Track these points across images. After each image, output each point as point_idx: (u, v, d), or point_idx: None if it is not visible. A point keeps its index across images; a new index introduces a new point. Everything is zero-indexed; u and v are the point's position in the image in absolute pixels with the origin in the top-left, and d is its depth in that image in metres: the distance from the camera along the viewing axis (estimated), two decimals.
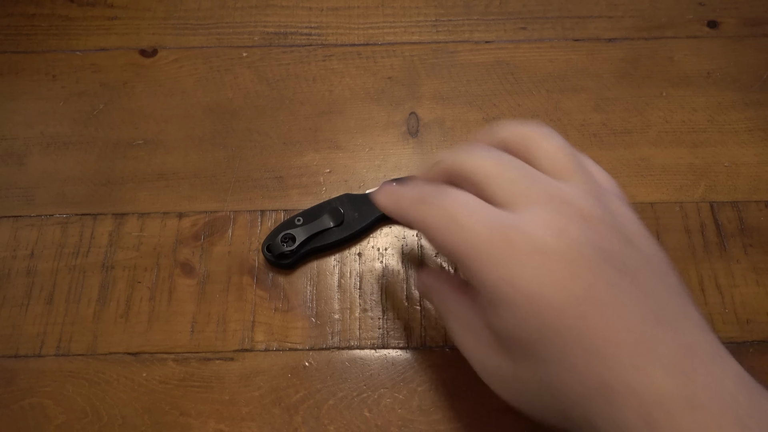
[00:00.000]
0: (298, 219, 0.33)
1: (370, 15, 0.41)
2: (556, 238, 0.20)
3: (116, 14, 0.42)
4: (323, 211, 0.33)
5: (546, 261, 0.20)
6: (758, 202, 0.34)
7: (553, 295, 0.20)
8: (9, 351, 0.31)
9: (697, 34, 0.40)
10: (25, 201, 0.35)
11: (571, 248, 0.20)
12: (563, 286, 0.20)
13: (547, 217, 0.21)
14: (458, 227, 0.22)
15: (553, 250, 0.20)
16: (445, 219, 0.22)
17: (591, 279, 0.20)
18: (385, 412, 0.29)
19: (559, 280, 0.20)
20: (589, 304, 0.20)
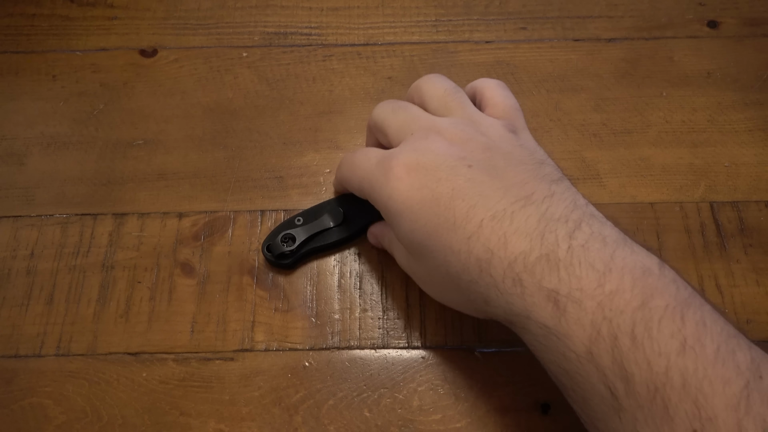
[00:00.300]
0: (298, 219, 0.33)
1: (370, 15, 0.41)
2: (422, 155, 0.25)
3: (116, 14, 0.42)
4: (323, 210, 0.33)
5: (415, 174, 0.25)
6: (758, 202, 0.34)
7: (422, 195, 0.25)
8: (9, 351, 0.31)
9: (697, 34, 0.40)
10: (25, 201, 0.35)
11: (436, 161, 0.25)
12: (428, 187, 0.25)
13: (419, 144, 0.26)
14: (355, 168, 0.29)
15: (421, 165, 0.25)
16: (349, 167, 0.30)
17: (452, 178, 0.25)
18: (385, 412, 0.29)
19: (426, 184, 0.25)
20: (451, 198, 0.24)
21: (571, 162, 0.36)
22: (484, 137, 0.26)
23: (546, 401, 0.29)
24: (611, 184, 0.35)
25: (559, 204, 0.24)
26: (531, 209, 0.23)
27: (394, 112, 0.29)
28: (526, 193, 0.24)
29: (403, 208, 0.25)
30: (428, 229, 0.25)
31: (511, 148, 0.26)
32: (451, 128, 0.27)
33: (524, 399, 0.29)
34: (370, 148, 0.29)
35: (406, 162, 0.26)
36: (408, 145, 0.27)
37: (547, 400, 0.29)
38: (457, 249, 0.24)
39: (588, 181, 0.35)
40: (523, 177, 0.25)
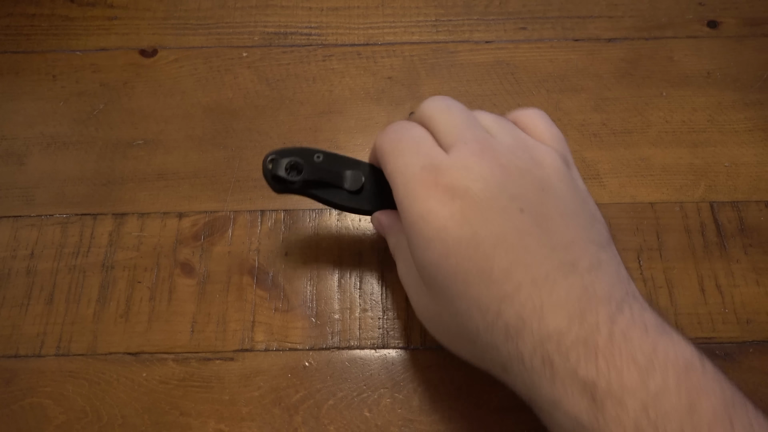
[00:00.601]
0: (318, 156, 0.28)
1: (370, 15, 0.41)
2: (473, 182, 0.22)
3: (116, 14, 0.42)
4: (347, 167, 0.29)
5: (461, 203, 0.22)
6: (758, 202, 0.34)
7: (461, 233, 0.22)
8: (9, 351, 0.31)
9: (697, 34, 0.40)
10: (25, 201, 0.35)
11: (487, 195, 0.22)
12: (471, 225, 0.22)
13: (472, 161, 0.23)
14: (399, 155, 0.24)
15: (470, 194, 0.22)
16: (392, 146, 0.25)
17: (499, 223, 0.22)
18: (385, 412, 0.29)
19: (469, 220, 0.22)
20: (494, 246, 0.21)
21: None
22: (540, 170, 0.23)
23: None
24: (611, 184, 0.35)
25: (603, 278, 0.21)
26: (575, 279, 0.21)
27: (448, 109, 0.25)
28: (573, 258, 0.21)
29: (435, 238, 0.22)
30: (457, 273, 0.22)
31: (566, 190, 0.23)
32: (507, 151, 0.23)
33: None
34: (422, 137, 0.25)
35: (454, 184, 0.22)
36: (459, 157, 0.23)
37: None
38: (485, 306, 0.21)
39: (588, 181, 0.35)
40: (573, 236, 0.22)
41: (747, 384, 0.30)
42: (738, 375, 0.30)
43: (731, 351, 0.31)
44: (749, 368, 0.30)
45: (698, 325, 0.31)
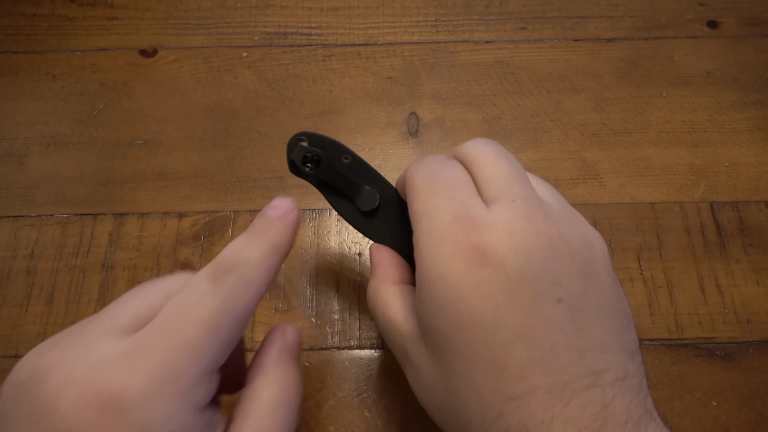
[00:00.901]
0: (346, 157, 0.26)
1: (370, 15, 0.41)
2: (512, 251, 0.19)
3: (116, 14, 0.42)
4: (369, 182, 0.26)
5: (490, 273, 0.19)
6: (758, 202, 0.34)
7: (483, 310, 0.19)
8: (9, 351, 0.31)
9: (697, 34, 0.40)
10: (25, 201, 0.35)
11: (525, 270, 0.19)
12: (497, 305, 0.18)
13: (518, 225, 0.20)
14: (430, 195, 0.21)
15: (504, 266, 0.19)
16: (425, 182, 0.22)
17: (530, 310, 0.18)
18: (385, 412, 0.29)
19: (495, 297, 0.19)
20: (516, 336, 0.18)
21: (571, 162, 0.36)
22: (588, 251, 0.20)
23: None
24: (611, 184, 0.35)
25: (626, 393, 0.18)
26: (595, 393, 0.18)
27: (497, 156, 0.22)
28: (600, 366, 0.18)
29: (450, 306, 0.19)
30: (465, 352, 0.19)
31: (610, 282, 0.20)
32: (558, 220, 0.20)
33: None
34: (462, 180, 0.22)
35: (489, 248, 0.19)
36: (503, 216, 0.20)
37: None
38: (488, 402, 0.18)
39: (588, 181, 0.35)
40: (606, 339, 0.19)
41: (747, 384, 0.30)
42: (738, 375, 0.30)
43: (731, 351, 0.31)
44: (749, 368, 0.30)
45: (698, 325, 0.31)
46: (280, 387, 0.21)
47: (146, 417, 0.17)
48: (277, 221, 0.22)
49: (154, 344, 0.18)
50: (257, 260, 0.20)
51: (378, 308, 0.24)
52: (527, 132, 0.37)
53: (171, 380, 0.17)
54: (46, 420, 0.16)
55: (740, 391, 0.30)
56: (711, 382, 0.30)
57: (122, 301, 0.20)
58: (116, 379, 0.17)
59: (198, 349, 0.18)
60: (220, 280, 0.19)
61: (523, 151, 0.36)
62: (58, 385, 0.17)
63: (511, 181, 0.21)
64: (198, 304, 0.19)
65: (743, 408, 0.29)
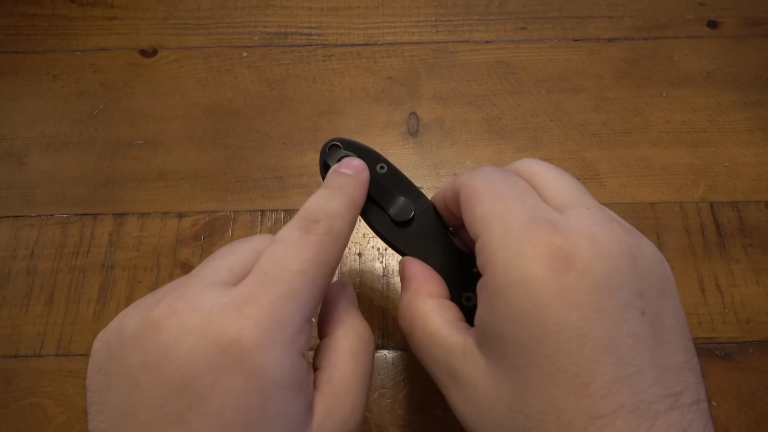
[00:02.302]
0: (382, 167, 0.25)
1: (370, 15, 0.41)
2: (598, 257, 0.18)
3: (116, 14, 0.42)
4: (404, 192, 0.25)
5: (575, 277, 0.17)
6: (758, 202, 0.34)
7: (568, 319, 0.17)
8: (9, 351, 0.31)
9: (697, 34, 0.40)
10: (25, 201, 0.35)
11: (611, 277, 0.17)
12: (583, 314, 0.17)
13: (597, 231, 0.18)
14: (498, 198, 0.20)
15: (589, 271, 0.17)
16: (489, 187, 0.20)
17: (616, 321, 0.17)
18: (385, 412, 0.29)
19: (581, 305, 0.17)
20: (603, 349, 0.17)
21: (571, 162, 0.36)
22: (663, 267, 0.19)
23: None
24: (611, 184, 0.35)
25: (701, 418, 0.17)
26: (675, 417, 0.17)
27: (557, 170, 0.22)
28: (679, 388, 0.17)
29: (531, 313, 0.17)
30: (544, 365, 0.17)
31: (679, 302, 0.19)
32: (632, 232, 0.19)
33: None
34: (528, 187, 0.21)
35: (574, 252, 0.18)
36: (582, 222, 0.19)
37: None
38: (567, 420, 0.17)
39: (588, 181, 0.35)
40: (681, 359, 0.18)
41: (747, 384, 0.30)
42: (738, 375, 0.30)
43: (731, 351, 0.31)
44: (749, 368, 0.30)
45: (698, 325, 0.31)
46: (358, 335, 0.22)
47: (261, 362, 0.17)
48: (354, 177, 0.23)
49: (259, 294, 0.18)
50: (342, 212, 0.22)
51: (416, 323, 0.22)
52: (527, 132, 0.37)
53: (279, 328, 0.18)
54: (164, 368, 0.17)
55: (740, 391, 0.30)
56: (711, 382, 0.30)
57: (216, 258, 0.21)
58: (230, 326, 0.17)
59: (299, 298, 0.19)
60: (311, 231, 0.20)
61: (523, 151, 0.36)
62: (173, 334, 0.17)
63: (579, 192, 0.21)
64: (295, 255, 0.20)
65: (743, 408, 0.29)
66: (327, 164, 0.25)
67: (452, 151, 0.36)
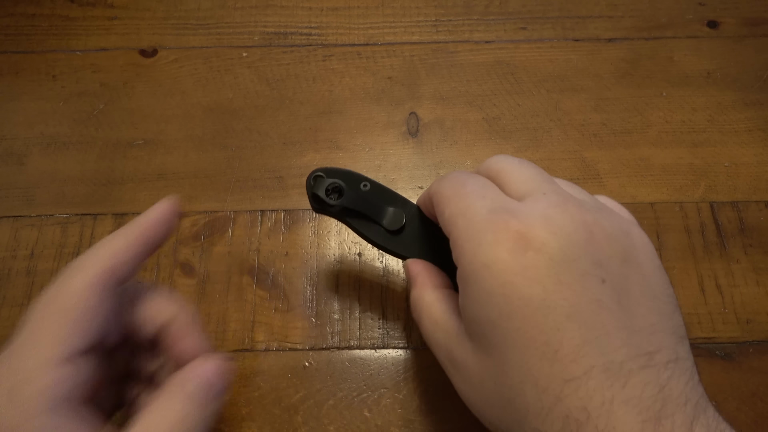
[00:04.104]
0: (365, 184, 0.27)
1: (370, 15, 0.41)
2: (553, 234, 0.19)
3: (116, 14, 0.42)
4: (391, 203, 0.27)
5: (534, 257, 0.19)
6: (758, 202, 0.34)
7: (531, 293, 0.19)
8: None
9: (697, 34, 0.40)
10: (25, 201, 0.35)
11: (566, 251, 0.19)
12: (544, 287, 0.19)
13: (554, 212, 0.20)
14: (461, 198, 0.22)
15: (546, 249, 0.19)
16: (454, 190, 0.22)
17: (577, 290, 0.19)
18: (385, 412, 0.29)
19: (542, 279, 0.19)
20: (567, 317, 0.18)
21: (571, 162, 0.36)
22: (626, 239, 0.21)
23: None
24: (611, 184, 0.35)
25: (681, 376, 0.18)
26: (651, 375, 0.18)
27: (520, 163, 0.23)
28: (652, 347, 0.19)
29: (498, 293, 0.19)
30: (517, 339, 0.19)
31: (652, 268, 0.21)
32: (591, 210, 0.21)
33: None
34: (489, 185, 0.22)
35: (530, 232, 0.19)
36: (539, 206, 0.20)
37: None
38: (544, 386, 0.18)
39: (588, 181, 0.35)
40: (653, 321, 0.19)
41: (747, 384, 0.30)
42: (738, 375, 0.30)
43: (731, 351, 0.31)
44: (749, 368, 0.30)
45: (698, 325, 0.31)
46: (163, 423, 0.20)
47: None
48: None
49: None
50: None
51: (423, 312, 0.24)
52: (527, 132, 0.37)
53: None
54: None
55: (740, 391, 0.30)
56: (711, 382, 0.30)
57: None
58: None
59: None
60: None
61: (523, 151, 0.36)
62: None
63: (538, 180, 0.22)
64: None
65: (743, 408, 0.29)
66: (316, 195, 0.26)
67: (452, 151, 0.36)
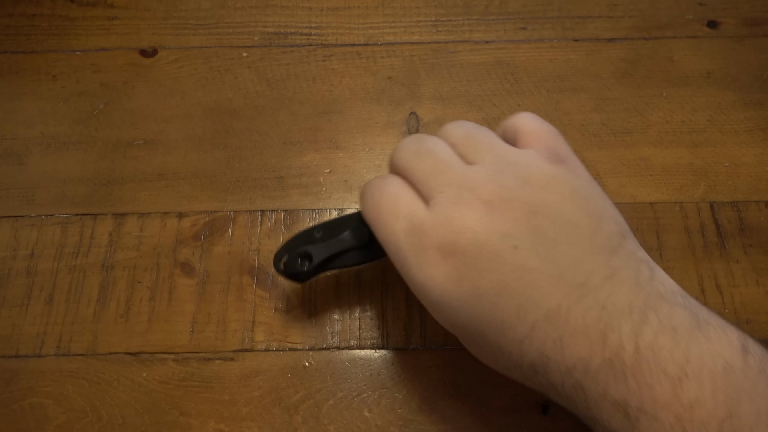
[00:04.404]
0: (318, 231, 0.29)
1: (370, 15, 0.41)
2: (458, 235, 0.21)
3: (116, 14, 0.42)
4: (347, 226, 0.28)
5: (453, 261, 0.21)
6: (758, 202, 0.34)
7: (462, 291, 0.21)
8: (9, 351, 0.31)
9: (697, 34, 0.40)
10: (25, 201, 0.35)
11: (476, 244, 0.21)
12: (470, 281, 0.21)
13: (452, 212, 0.22)
14: (382, 224, 0.24)
15: (459, 249, 0.21)
16: (373, 213, 0.25)
17: (495, 269, 0.21)
18: (385, 412, 0.29)
19: (465, 276, 0.21)
20: (497, 294, 0.21)
21: None
22: (526, 189, 0.22)
23: (546, 401, 0.29)
24: (611, 184, 0.35)
25: (621, 287, 0.20)
26: (589, 301, 0.20)
27: (418, 156, 0.24)
28: (582, 277, 0.20)
29: (441, 303, 0.22)
30: (472, 327, 0.22)
31: (561, 201, 0.22)
32: (487, 183, 0.22)
33: (524, 399, 0.29)
34: (400, 194, 0.24)
35: (441, 244, 0.21)
36: (440, 212, 0.22)
37: (547, 400, 0.29)
38: (508, 351, 0.21)
39: None
40: (578, 251, 0.21)
41: None
42: None
43: None
44: None
45: None
46: None
47: None
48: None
49: None
50: None
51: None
52: None
53: None
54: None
55: None
56: None
57: None
58: None
59: None
60: None
61: None
62: None
63: (434, 175, 0.23)
64: None
65: None
66: (295, 273, 0.28)
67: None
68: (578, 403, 0.20)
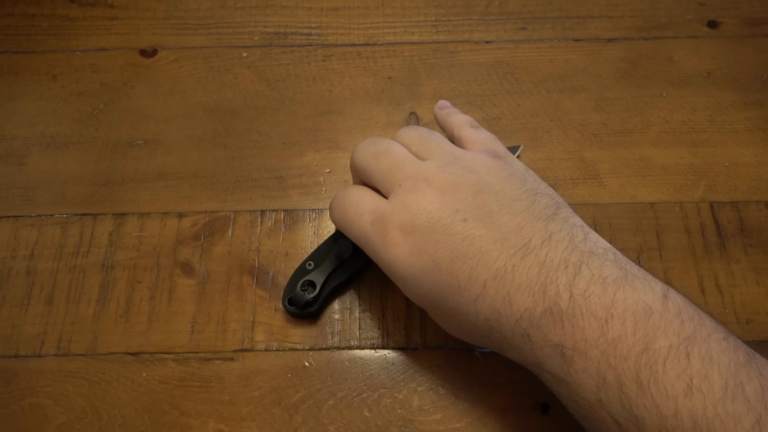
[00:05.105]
0: (309, 263, 0.31)
1: (370, 15, 0.41)
2: (415, 216, 0.25)
3: (116, 14, 0.42)
4: (332, 246, 0.31)
5: (412, 238, 0.25)
6: (758, 202, 0.34)
7: (423, 263, 0.25)
8: (9, 351, 0.31)
9: (697, 34, 0.40)
10: (25, 201, 0.35)
11: (430, 221, 0.25)
12: (428, 253, 0.24)
13: (409, 199, 0.25)
14: (348, 221, 0.27)
15: (417, 227, 0.25)
16: (341, 216, 0.28)
17: (449, 240, 0.24)
18: (385, 412, 0.29)
19: (424, 249, 0.24)
20: (452, 261, 0.24)
21: (571, 162, 0.36)
22: (472, 175, 0.26)
23: (546, 401, 0.29)
24: (611, 184, 0.35)
25: (557, 247, 0.23)
26: (531, 259, 0.23)
27: (375, 157, 0.28)
28: (524, 240, 0.24)
29: (406, 276, 0.25)
30: (434, 294, 0.25)
31: (502, 182, 0.26)
32: (438, 173, 0.26)
33: (524, 399, 0.29)
34: (361, 196, 0.28)
35: (401, 225, 0.25)
36: (398, 201, 0.26)
37: (547, 400, 0.29)
38: (465, 311, 0.24)
39: (588, 181, 0.35)
40: (519, 220, 0.24)
41: None
42: None
43: None
44: None
45: None
46: None
47: None
48: None
49: None
50: None
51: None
52: (527, 132, 0.37)
53: None
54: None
55: None
56: None
57: None
58: None
59: None
60: None
61: (523, 152, 0.36)
62: None
63: (391, 172, 0.27)
64: None
65: None
66: (305, 303, 0.30)
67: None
68: (526, 352, 0.23)
